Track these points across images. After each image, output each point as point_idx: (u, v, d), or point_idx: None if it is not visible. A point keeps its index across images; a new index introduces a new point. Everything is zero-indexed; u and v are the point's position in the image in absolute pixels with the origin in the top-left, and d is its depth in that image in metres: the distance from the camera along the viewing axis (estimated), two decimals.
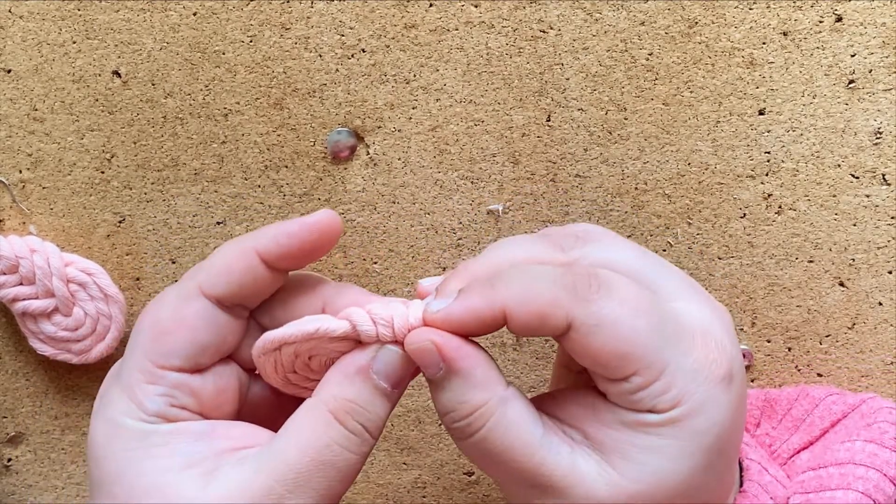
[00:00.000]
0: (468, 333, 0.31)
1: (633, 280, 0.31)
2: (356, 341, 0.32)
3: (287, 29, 0.45)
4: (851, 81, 0.44)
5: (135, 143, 0.46)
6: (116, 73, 0.45)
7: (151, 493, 0.30)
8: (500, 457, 0.30)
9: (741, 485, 0.35)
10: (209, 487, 0.30)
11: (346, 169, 0.46)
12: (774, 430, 0.40)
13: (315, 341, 0.32)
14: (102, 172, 0.46)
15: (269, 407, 0.36)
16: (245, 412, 0.35)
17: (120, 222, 0.47)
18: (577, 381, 0.36)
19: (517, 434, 0.30)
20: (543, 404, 0.32)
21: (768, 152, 0.45)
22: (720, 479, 0.32)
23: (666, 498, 0.30)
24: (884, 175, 0.45)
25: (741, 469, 0.36)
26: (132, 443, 0.31)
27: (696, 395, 0.30)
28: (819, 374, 0.47)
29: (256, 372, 0.35)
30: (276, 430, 0.31)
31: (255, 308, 0.34)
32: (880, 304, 0.46)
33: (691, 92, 0.45)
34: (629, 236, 0.46)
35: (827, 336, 0.46)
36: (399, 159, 0.46)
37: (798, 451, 0.39)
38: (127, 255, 0.47)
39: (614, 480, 0.30)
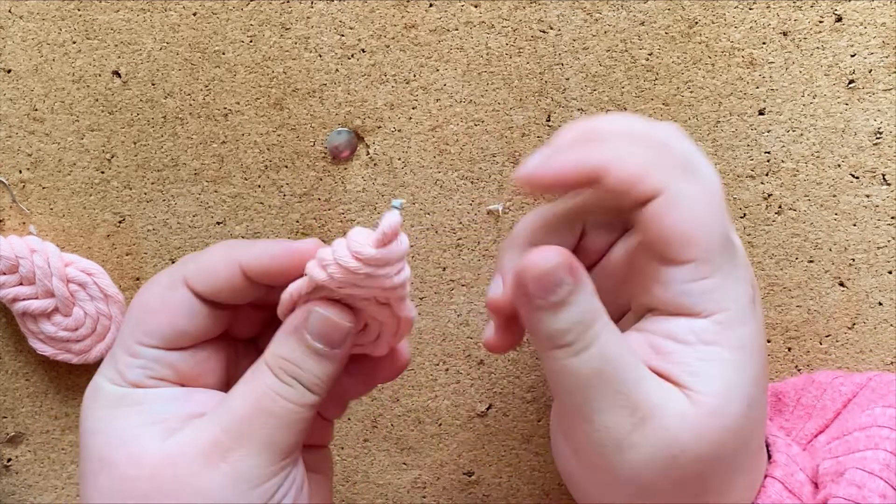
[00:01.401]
0: (561, 184, 0.32)
1: None
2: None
3: (287, 29, 0.45)
4: (851, 81, 0.44)
5: (135, 143, 0.46)
6: (116, 73, 0.45)
7: (114, 444, 0.32)
8: (613, 368, 0.31)
9: (769, 458, 0.35)
10: (166, 442, 0.31)
11: (346, 169, 0.46)
12: (787, 422, 0.40)
13: (316, 292, 0.33)
14: (102, 172, 0.46)
15: None
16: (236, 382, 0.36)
17: (120, 222, 0.47)
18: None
19: (624, 346, 0.32)
20: None
21: (768, 152, 0.45)
22: (765, 406, 0.33)
23: (740, 410, 0.31)
24: (884, 175, 0.45)
25: (767, 445, 0.36)
26: (109, 402, 0.33)
27: (738, 305, 0.31)
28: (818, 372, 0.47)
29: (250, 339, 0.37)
30: None
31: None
32: (880, 304, 0.46)
33: (691, 92, 0.45)
34: None
35: (827, 336, 0.46)
36: (399, 159, 0.46)
37: (815, 436, 0.39)
38: (127, 255, 0.47)
39: (694, 397, 0.31)
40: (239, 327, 0.36)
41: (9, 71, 0.45)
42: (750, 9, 0.44)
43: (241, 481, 0.31)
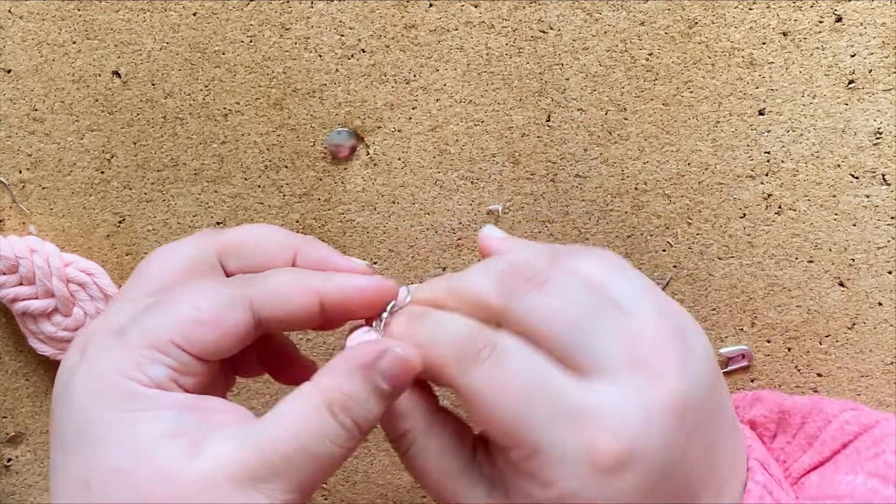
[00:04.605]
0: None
1: (551, 342, 0.30)
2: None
3: (287, 29, 0.45)
4: (851, 81, 0.44)
5: (135, 143, 0.46)
6: (116, 74, 0.45)
7: (133, 456, 0.29)
8: (428, 476, 0.32)
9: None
10: (196, 460, 0.29)
11: (346, 169, 0.46)
12: (789, 446, 0.40)
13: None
14: (102, 172, 0.46)
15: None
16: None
17: (120, 222, 0.47)
18: None
19: (437, 464, 0.32)
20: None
21: (768, 152, 0.45)
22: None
23: None
24: (884, 175, 0.45)
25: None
26: (121, 403, 0.30)
27: (572, 483, 0.29)
28: (819, 374, 0.47)
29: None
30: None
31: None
32: (880, 304, 0.46)
33: (691, 92, 0.45)
34: (629, 237, 0.46)
35: (827, 336, 0.46)
36: (399, 159, 0.46)
37: (809, 471, 0.38)
38: (127, 255, 0.47)
39: None
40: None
41: (9, 71, 0.45)
42: (750, 9, 0.44)
43: None
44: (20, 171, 0.46)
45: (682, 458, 0.30)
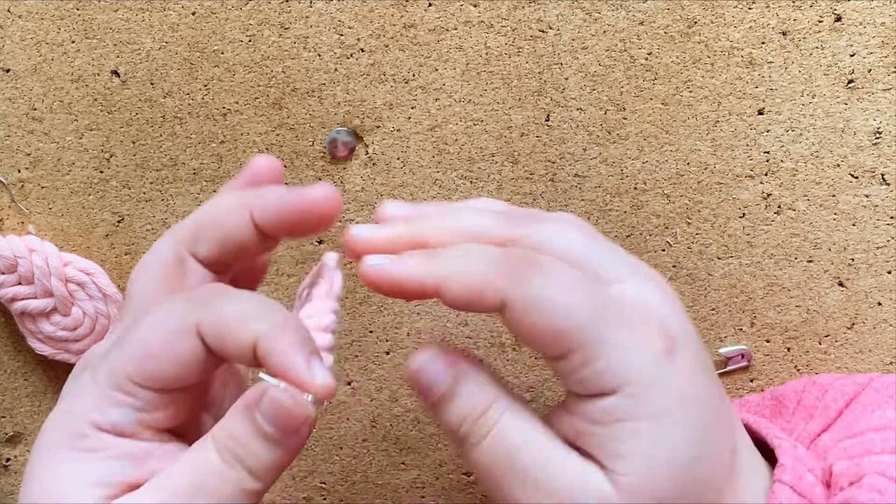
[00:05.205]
0: (398, 293, 0.31)
1: (571, 262, 0.31)
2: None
3: (286, 28, 0.45)
4: (851, 81, 0.44)
5: (133, 142, 0.46)
6: (115, 73, 0.45)
7: (53, 496, 0.29)
8: (518, 454, 0.30)
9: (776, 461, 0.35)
10: None
11: (345, 169, 0.46)
12: (789, 423, 0.40)
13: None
14: (101, 172, 0.46)
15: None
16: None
17: (119, 222, 0.47)
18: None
19: (530, 429, 0.30)
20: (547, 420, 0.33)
21: (767, 152, 0.45)
22: (717, 448, 0.31)
23: (671, 482, 0.30)
24: (883, 175, 0.45)
25: (772, 448, 0.35)
26: (69, 440, 0.30)
27: (643, 371, 0.30)
28: (818, 374, 0.47)
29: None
30: None
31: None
32: (879, 304, 0.46)
33: (690, 92, 0.45)
34: (628, 236, 0.46)
35: (826, 336, 0.46)
36: (398, 159, 0.46)
37: (818, 435, 0.38)
38: (126, 254, 0.47)
39: (615, 478, 0.30)
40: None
41: (8, 70, 0.45)
42: (749, 8, 0.44)
43: None
44: (19, 171, 0.46)
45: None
